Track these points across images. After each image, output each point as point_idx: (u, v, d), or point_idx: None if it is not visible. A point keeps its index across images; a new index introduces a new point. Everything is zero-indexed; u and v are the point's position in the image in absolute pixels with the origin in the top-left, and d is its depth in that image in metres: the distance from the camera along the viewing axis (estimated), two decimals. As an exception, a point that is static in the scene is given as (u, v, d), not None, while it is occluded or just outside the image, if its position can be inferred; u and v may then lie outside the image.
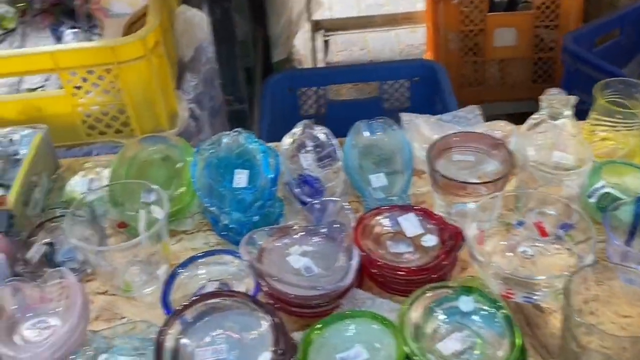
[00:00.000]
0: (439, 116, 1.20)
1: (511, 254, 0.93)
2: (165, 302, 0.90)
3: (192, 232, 1.04)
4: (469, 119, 1.20)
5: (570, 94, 2.12)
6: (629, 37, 2.06)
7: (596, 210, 0.98)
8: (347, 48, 3.06)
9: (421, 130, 1.13)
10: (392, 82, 2.03)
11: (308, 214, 0.98)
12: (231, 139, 1.08)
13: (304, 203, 1.01)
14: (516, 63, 2.36)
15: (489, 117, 1.14)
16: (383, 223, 0.94)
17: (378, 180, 1.06)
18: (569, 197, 0.96)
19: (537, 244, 0.93)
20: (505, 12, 2.25)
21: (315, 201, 0.98)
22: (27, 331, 0.86)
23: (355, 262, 0.87)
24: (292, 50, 2.49)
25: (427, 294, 0.82)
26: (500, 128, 1.13)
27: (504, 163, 0.99)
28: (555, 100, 1.04)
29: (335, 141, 1.12)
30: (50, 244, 0.99)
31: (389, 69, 2.06)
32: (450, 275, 0.92)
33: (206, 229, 1.04)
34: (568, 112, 1.04)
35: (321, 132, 1.13)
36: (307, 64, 2.66)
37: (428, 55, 2.48)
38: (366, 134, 1.13)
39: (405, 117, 1.18)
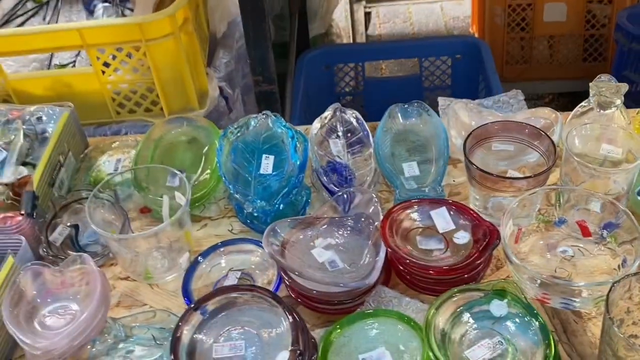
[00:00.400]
0: (479, 101, 1.13)
1: (550, 253, 0.87)
2: (185, 292, 0.88)
3: (217, 219, 1.01)
4: (511, 105, 1.14)
5: (622, 75, 2.01)
6: (690, 15, 1.94)
7: (645, 209, 0.91)
8: (389, 20, 2.97)
9: (459, 117, 1.07)
10: (433, 59, 1.96)
11: (335, 204, 0.94)
12: (259, 122, 1.04)
13: (331, 192, 0.97)
14: (566, 40, 2.25)
15: (535, 96, 1.08)
16: (413, 217, 0.89)
17: (410, 169, 1.01)
18: (616, 194, 0.90)
19: (578, 244, 0.88)
20: (556, -14, 2.13)
21: (343, 191, 0.94)
22: (47, 316, 0.86)
23: (380, 260, 0.83)
24: (331, 24, 2.43)
25: (457, 297, 0.78)
26: (544, 115, 1.06)
27: (546, 156, 0.92)
28: (605, 88, 0.96)
29: (366, 126, 1.07)
30: (75, 226, 0.98)
31: (429, 45, 1.98)
32: (484, 275, 0.87)
33: (231, 215, 1.01)
34: (618, 101, 0.96)
35: (352, 116, 1.08)
36: (347, 38, 2.59)
37: (473, 30, 2.38)
38: (400, 119, 1.08)
39: (442, 101, 1.12)
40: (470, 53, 1.93)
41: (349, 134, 1.06)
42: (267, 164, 1.00)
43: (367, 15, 2.75)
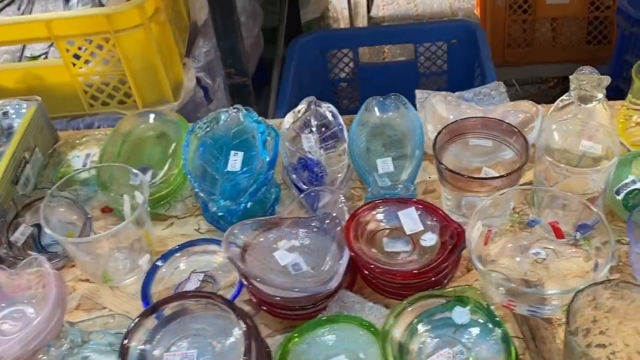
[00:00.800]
0: (459, 93, 1.09)
1: (521, 256, 0.83)
2: (145, 295, 0.86)
3: (184, 217, 0.99)
4: (492, 97, 1.09)
5: (624, 59, 1.93)
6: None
7: (624, 209, 0.87)
8: (393, 1, 2.91)
9: (436, 110, 1.03)
10: (429, 45, 1.90)
11: (303, 203, 0.90)
12: (230, 117, 1.01)
13: (301, 190, 0.94)
14: (569, 22, 2.19)
15: (539, 80, 1.03)
16: (379, 218, 0.86)
17: (385, 165, 0.97)
18: (594, 192, 0.86)
19: (551, 246, 0.84)
20: (558, -33, 2.07)
21: (311, 190, 0.91)
22: (2, 321, 0.83)
23: (343, 264, 0.79)
24: (327, 7, 2.37)
25: (417, 304, 0.74)
26: (525, 109, 1.01)
27: (519, 154, 0.88)
28: (586, 81, 0.92)
29: (341, 120, 1.03)
30: (37, 226, 0.96)
31: (425, 30, 1.93)
32: (452, 277, 0.84)
33: (198, 214, 0.99)
34: (600, 95, 0.92)
35: (328, 110, 1.05)
36: (344, 21, 2.53)
37: (477, 12, 2.32)
38: (377, 112, 1.04)
39: (419, 94, 1.08)
40: (466, 38, 1.87)
41: (323, 129, 1.03)
42: (235, 161, 0.97)
43: (370, -4, 2.69)
